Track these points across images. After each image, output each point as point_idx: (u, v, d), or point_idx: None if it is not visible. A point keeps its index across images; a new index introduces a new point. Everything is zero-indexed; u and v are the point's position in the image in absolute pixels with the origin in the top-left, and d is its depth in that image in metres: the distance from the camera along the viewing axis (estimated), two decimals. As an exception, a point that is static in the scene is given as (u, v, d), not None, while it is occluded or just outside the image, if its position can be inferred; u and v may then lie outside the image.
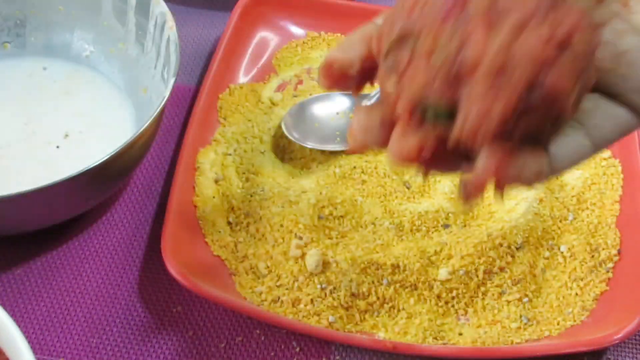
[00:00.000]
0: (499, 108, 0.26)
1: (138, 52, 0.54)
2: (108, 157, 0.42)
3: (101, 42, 0.56)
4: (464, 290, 0.45)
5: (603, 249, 0.47)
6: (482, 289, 0.46)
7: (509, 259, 0.47)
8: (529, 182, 0.29)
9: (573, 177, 0.51)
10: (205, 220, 0.48)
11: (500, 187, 0.28)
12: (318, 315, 0.44)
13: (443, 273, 0.46)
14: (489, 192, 0.50)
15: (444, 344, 0.44)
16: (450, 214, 0.49)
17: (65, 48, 0.56)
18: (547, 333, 0.44)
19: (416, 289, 0.46)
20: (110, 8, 0.54)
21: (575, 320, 0.44)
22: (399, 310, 0.45)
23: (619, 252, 0.47)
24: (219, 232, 0.48)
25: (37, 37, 0.56)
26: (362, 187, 0.51)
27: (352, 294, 0.45)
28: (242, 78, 0.57)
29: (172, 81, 0.46)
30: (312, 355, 0.44)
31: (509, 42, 0.25)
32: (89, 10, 0.55)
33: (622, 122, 0.31)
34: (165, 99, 0.45)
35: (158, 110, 0.45)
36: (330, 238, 0.48)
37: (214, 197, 0.50)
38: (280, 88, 0.57)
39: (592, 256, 0.47)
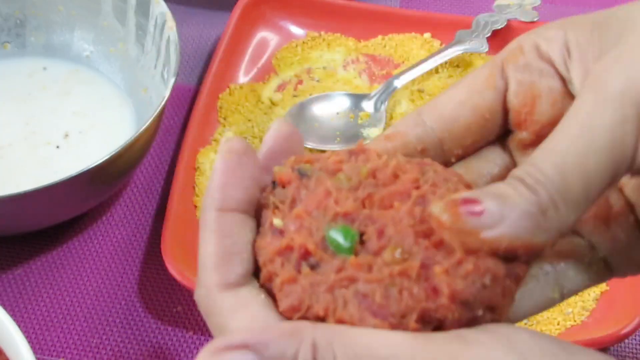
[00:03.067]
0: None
1: (138, 52, 0.54)
2: (108, 157, 0.42)
3: (101, 42, 0.56)
4: (464, 290, 0.45)
5: (603, 249, 0.47)
6: (482, 289, 0.46)
7: (509, 259, 0.47)
8: None
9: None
10: (205, 220, 0.48)
11: None
12: (318, 315, 0.44)
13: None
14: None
15: (444, 344, 0.44)
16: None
17: (65, 48, 0.56)
18: (547, 333, 0.44)
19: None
20: (110, 8, 0.54)
21: (575, 320, 0.44)
22: (399, 310, 0.45)
23: (619, 252, 0.47)
24: (219, 232, 0.48)
25: (37, 37, 0.56)
26: (362, 187, 0.51)
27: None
28: (242, 78, 0.57)
29: (172, 81, 0.46)
30: (312, 355, 0.44)
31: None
32: (88, 10, 0.55)
33: (594, 277, 0.28)
34: (165, 99, 0.45)
35: (158, 110, 0.45)
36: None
37: (214, 197, 0.50)
38: (280, 88, 0.57)
39: (592, 256, 0.47)
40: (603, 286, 0.46)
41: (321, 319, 0.23)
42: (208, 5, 0.65)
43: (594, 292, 0.46)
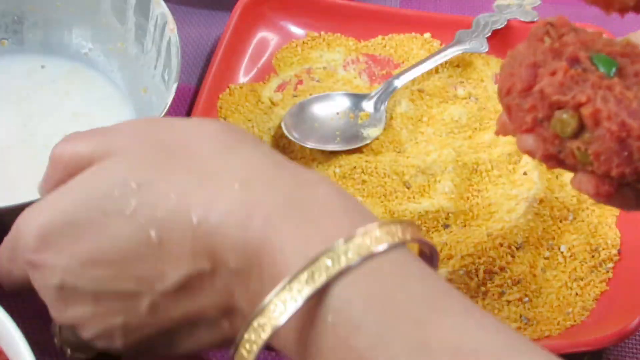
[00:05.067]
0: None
1: (138, 51, 0.54)
2: None
3: (100, 40, 0.55)
4: (465, 290, 0.45)
5: (603, 249, 0.47)
6: (483, 289, 0.46)
7: (509, 258, 0.47)
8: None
9: (573, 177, 0.51)
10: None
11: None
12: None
13: (443, 273, 0.46)
14: (490, 192, 0.50)
15: (445, 344, 0.44)
16: (450, 214, 0.49)
17: (63, 46, 0.56)
18: (547, 333, 0.44)
19: (416, 289, 0.45)
20: (108, 6, 0.54)
21: (575, 320, 0.44)
22: (399, 310, 0.45)
23: (619, 252, 0.47)
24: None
25: (35, 34, 0.56)
26: (362, 187, 0.51)
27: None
28: (242, 78, 0.57)
29: (174, 86, 0.46)
30: (313, 355, 0.44)
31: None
32: (87, 7, 0.55)
33: None
34: (167, 106, 0.45)
35: (162, 115, 0.44)
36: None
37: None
38: (280, 88, 0.57)
39: (592, 256, 0.47)
40: (603, 286, 0.46)
41: (575, 108, 0.28)
42: (208, 5, 0.65)
43: (593, 292, 0.46)
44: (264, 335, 0.26)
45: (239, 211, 0.27)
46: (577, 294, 0.46)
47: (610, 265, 0.47)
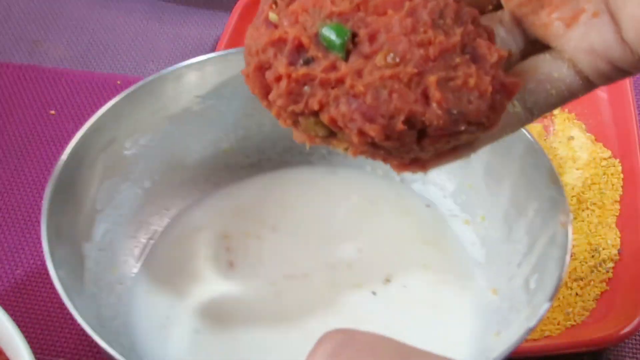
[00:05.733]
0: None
1: (502, 233, 0.41)
2: None
3: (460, 203, 0.44)
4: (464, 290, 0.45)
5: (603, 248, 0.47)
6: (482, 289, 0.46)
7: (509, 259, 0.47)
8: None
9: (573, 177, 0.51)
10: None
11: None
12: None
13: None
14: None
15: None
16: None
17: None
18: (547, 333, 0.44)
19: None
20: (482, 168, 0.42)
21: (575, 321, 0.44)
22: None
23: (619, 252, 0.47)
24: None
25: None
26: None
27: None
28: (242, 78, 0.57)
29: (542, 309, 0.33)
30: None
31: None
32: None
33: (564, 85, 0.26)
34: (529, 328, 0.32)
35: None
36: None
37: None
38: (280, 88, 0.57)
39: (592, 256, 0.47)
40: (603, 286, 0.46)
41: (315, 114, 0.24)
42: (208, 5, 0.65)
43: (594, 292, 0.46)
44: None
45: None
46: (577, 294, 0.46)
47: (610, 265, 0.47)
